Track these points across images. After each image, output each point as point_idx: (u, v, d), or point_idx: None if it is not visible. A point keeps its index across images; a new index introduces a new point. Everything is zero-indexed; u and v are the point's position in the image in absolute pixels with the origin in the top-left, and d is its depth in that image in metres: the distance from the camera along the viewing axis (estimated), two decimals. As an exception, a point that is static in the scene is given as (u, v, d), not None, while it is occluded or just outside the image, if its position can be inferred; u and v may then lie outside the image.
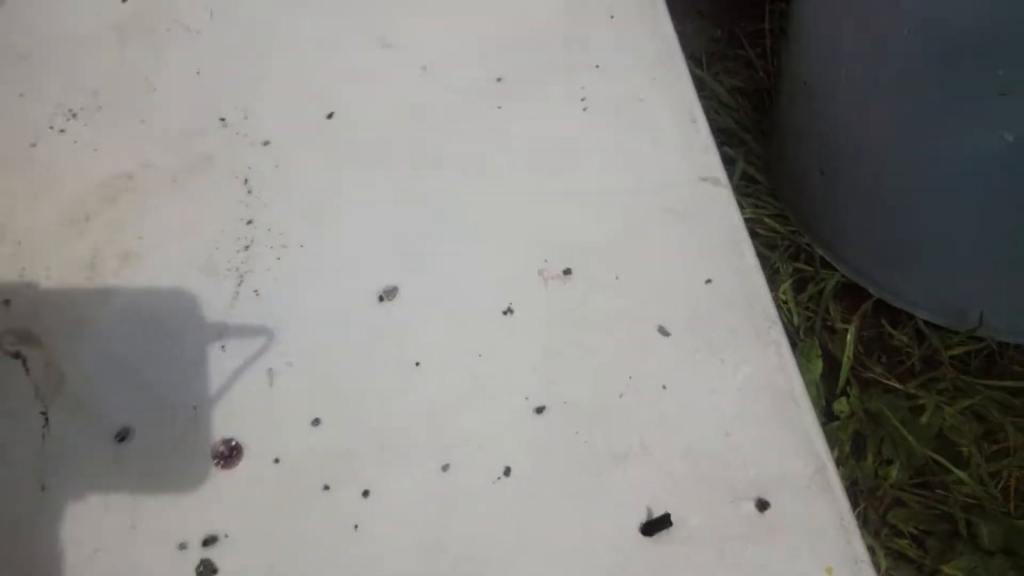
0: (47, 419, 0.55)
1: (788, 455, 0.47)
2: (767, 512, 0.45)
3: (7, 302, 0.60)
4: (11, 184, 0.66)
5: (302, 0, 0.75)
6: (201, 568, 0.49)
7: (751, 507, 0.45)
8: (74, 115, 0.70)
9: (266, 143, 0.66)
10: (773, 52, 0.99)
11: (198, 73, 0.71)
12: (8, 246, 0.63)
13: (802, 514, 0.45)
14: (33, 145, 0.68)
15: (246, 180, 0.64)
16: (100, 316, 0.58)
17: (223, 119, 0.68)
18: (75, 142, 0.68)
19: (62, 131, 0.69)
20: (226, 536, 0.49)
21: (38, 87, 0.73)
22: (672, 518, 0.45)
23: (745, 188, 0.89)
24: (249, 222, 0.62)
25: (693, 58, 1.09)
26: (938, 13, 0.55)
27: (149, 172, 0.66)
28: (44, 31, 0.77)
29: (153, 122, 0.69)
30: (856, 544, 0.43)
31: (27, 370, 0.57)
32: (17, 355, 0.57)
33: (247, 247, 0.61)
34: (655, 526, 0.45)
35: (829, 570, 0.43)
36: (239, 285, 0.59)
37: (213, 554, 0.49)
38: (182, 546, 0.49)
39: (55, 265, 0.61)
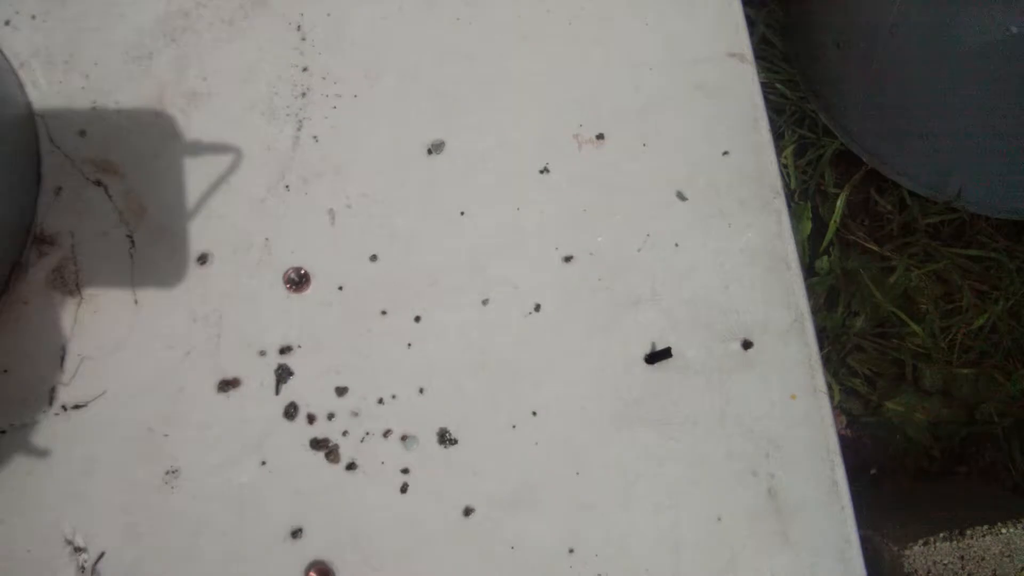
0: (133, 241, 0.62)
1: (774, 306, 0.55)
2: (750, 351, 0.55)
3: (83, 132, 0.65)
4: (70, 16, 0.69)
5: None
6: (279, 371, 0.59)
7: (737, 346, 0.55)
8: (123, -54, 0.71)
9: (317, -12, 0.68)
10: (807, -91, 0.97)
11: (243, -92, 0.71)
12: (77, 79, 0.67)
13: (778, 353, 0.55)
14: (86, -25, 0.70)
15: (299, 27, 0.67)
16: (173, 150, 0.64)
17: (272, -40, 0.69)
18: (128, -25, 0.70)
19: (113, -38, 0.70)
20: (299, 347, 0.59)
21: (82, -88, 0.72)
22: (672, 351, 0.54)
23: (762, 51, 0.91)
24: (304, 69, 0.66)
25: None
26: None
27: (204, 11, 0.68)
28: None
29: (203, -41, 0.70)
30: (818, 379, 0.54)
31: (110, 197, 0.63)
32: (99, 183, 0.64)
33: (304, 94, 0.65)
34: (657, 356, 0.55)
35: (793, 396, 0.53)
36: (299, 130, 0.64)
37: (289, 360, 0.59)
38: (262, 353, 0.59)
39: (124, 100, 0.66)
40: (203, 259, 0.61)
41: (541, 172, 0.61)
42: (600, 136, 0.61)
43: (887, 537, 0.64)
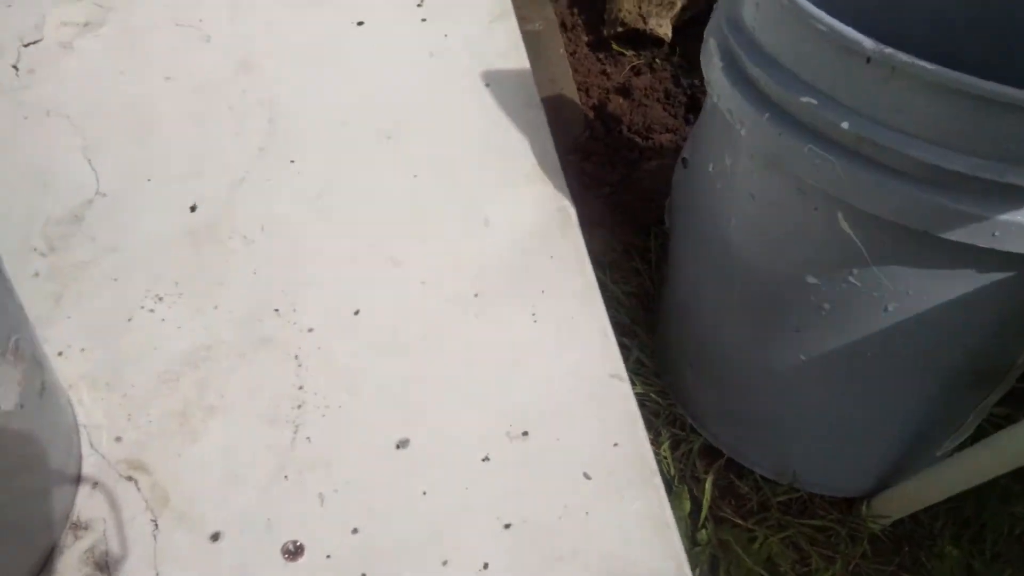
0: (156, 525, 0.79)
1: (662, 559, 0.77)
2: (649, 593, 0.75)
3: (119, 439, 0.85)
4: (115, 349, 0.92)
5: (332, 221, 1.07)
6: (271, 635, 0.73)
7: (639, 590, 0.75)
8: (160, 299, 0.97)
9: (310, 330, 0.95)
10: (656, 266, 1.39)
11: (255, 273, 1.01)
12: (117, 397, 0.88)
13: (670, 595, 0.75)
14: (129, 320, 0.95)
15: (296, 356, 0.93)
16: (193, 452, 0.84)
17: (277, 310, 0.97)
18: (163, 320, 0.95)
19: (152, 311, 0.96)
20: (290, 612, 0.74)
21: (129, 275, 1.00)
22: (592, 596, 0.74)
23: (638, 369, 1.23)
24: (300, 387, 0.90)
25: (598, 263, 1.42)
26: (758, 281, 0.93)
27: (222, 346, 0.93)
28: (131, 229, 1.05)
29: (223, 308, 0.97)
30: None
31: (139, 489, 0.81)
32: (130, 478, 0.82)
33: (299, 406, 0.88)
34: (581, 601, 0.74)
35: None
36: (295, 433, 0.86)
37: (280, 625, 0.74)
38: (257, 619, 0.74)
39: (155, 413, 0.87)
40: (216, 537, 0.78)
41: (483, 460, 0.84)
42: (525, 433, 0.86)
43: None
